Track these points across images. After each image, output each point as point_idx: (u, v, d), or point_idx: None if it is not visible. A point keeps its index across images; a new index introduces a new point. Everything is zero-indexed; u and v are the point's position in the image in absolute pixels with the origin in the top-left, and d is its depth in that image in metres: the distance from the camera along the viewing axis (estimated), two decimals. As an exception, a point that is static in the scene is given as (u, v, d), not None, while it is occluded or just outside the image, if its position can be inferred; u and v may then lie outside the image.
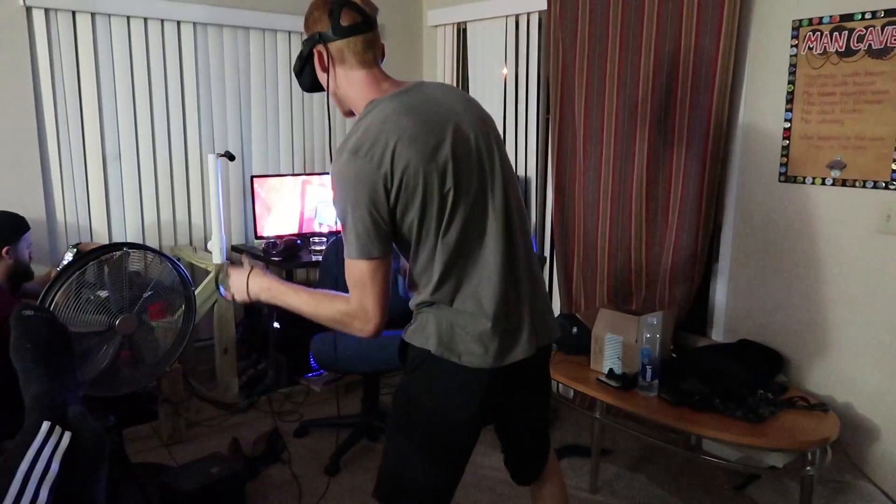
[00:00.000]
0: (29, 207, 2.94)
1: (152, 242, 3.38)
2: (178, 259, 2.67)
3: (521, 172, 3.63)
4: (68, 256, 2.68)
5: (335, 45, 1.46)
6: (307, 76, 1.56)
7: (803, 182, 2.54)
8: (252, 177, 3.54)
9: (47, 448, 1.54)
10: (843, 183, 2.43)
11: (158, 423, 2.93)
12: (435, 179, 1.39)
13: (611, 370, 2.50)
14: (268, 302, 1.58)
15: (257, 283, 1.60)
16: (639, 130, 2.89)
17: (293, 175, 3.67)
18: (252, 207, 3.54)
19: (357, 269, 1.41)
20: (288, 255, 3.36)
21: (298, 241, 3.48)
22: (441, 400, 1.51)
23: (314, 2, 1.50)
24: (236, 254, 2.66)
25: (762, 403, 2.23)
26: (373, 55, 1.50)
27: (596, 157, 3.07)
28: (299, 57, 1.55)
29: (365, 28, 1.47)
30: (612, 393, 2.42)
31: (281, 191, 3.56)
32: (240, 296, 1.61)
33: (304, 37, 1.52)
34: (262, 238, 3.54)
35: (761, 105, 2.64)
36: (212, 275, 1.69)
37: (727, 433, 2.14)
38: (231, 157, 3.22)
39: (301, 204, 3.63)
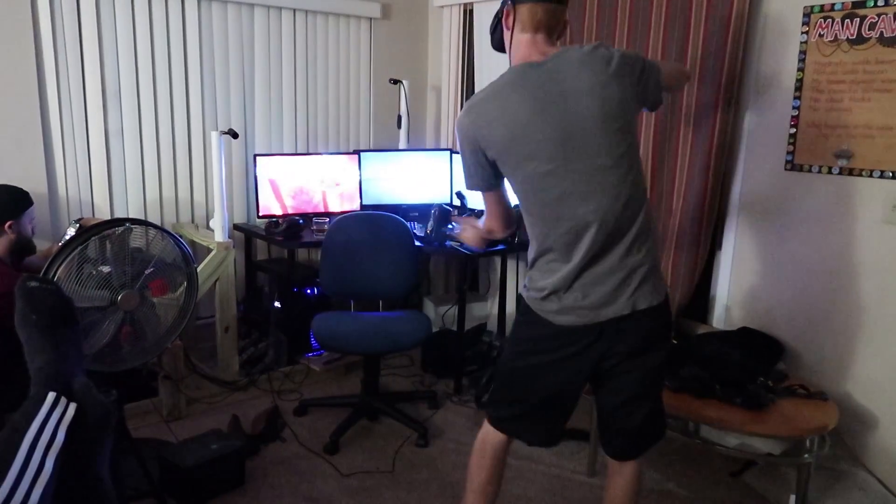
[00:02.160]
0: (31, 182, 2.92)
1: (154, 219, 3.38)
2: (181, 236, 2.66)
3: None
4: (70, 231, 2.68)
5: (521, 8, 1.66)
6: (498, 34, 1.77)
7: (809, 171, 2.53)
8: (255, 155, 3.52)
9: (53, 418, 1.54)
10: (850, 172, 2.42)
11: (159, 400, 2.94)
12: (522, 154, 1.61)
13: (611, 355, 2.50)
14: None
15: (469, 231, 2.01)
16: (644, 118, 2.87)
17: (296, 154, 3.65)
18: (255, 186, 3.52)
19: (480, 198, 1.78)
20: (290, 235, 3.36)
21: (300, 221, 3.47)
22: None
23: None
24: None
25: (762, 391, 2.24)
26: (545, 24, 1.66)
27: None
28: (496, 15, 1.75)
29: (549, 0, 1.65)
30: (612, 378, 2.42)
31: (284, 170, 3.55)
32: (475, 243, 2.02)
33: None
34: (264, 217, 3.53)
35: (770, 92, 2.62)
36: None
37: (727, 420, 2.15)
38: (234, 135, 3.20)
39: (304, 183, 3.61)
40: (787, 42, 2.54)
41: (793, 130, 2.57)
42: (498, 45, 1.79)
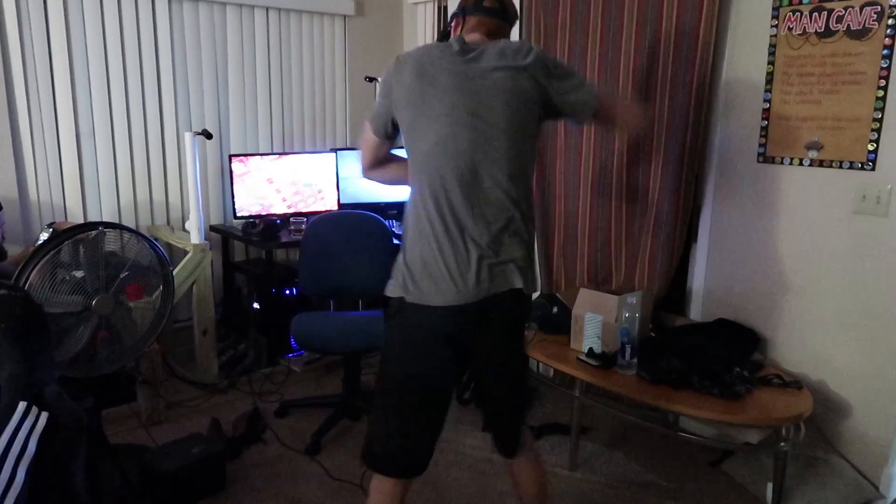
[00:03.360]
0: (1, 186, 2.87)
1: (129, 222, 3.34)
2: (156, 239, 2.63)
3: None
4: (43, 236, 2.63)
5: (471, 19, 1.79)
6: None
7: (781, 162, 2.57)
8: (230, 156, 3.49)
9: (24, 428, 1.52)
10: (821, 164, 2.46)
11: (137, 405, 2.90)
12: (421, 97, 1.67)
13: (590, 349, 2.52)
14: None
15: None
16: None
17: (272, 154, 3.63)
18: (230, 187, 3.49)
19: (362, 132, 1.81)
20: (267, 235, 3.33)
21: (278, 222, 3.45)
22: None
23: None
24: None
25: (738, 381, 2.27)
26: (491, 32, 1.78)
27: (576, 137, 3.07)
28: (443, 30, 1.88)
29: (499, 16, 1.79)
30: (591, 371, 2.44)
31: (260, 170, 3.52)
32: None
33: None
34: (240, 218, 3.50)
35: (741, 85, 2.65)
36: None
37: (704, 410, 2.18)
38: (208, 136, 3.17)
39: (280, 184, 3.59)
40: (757, 36, 2.57)
41: (764, 123, 2.60)
42: None
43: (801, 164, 2.51)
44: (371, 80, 3.87)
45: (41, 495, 1.53)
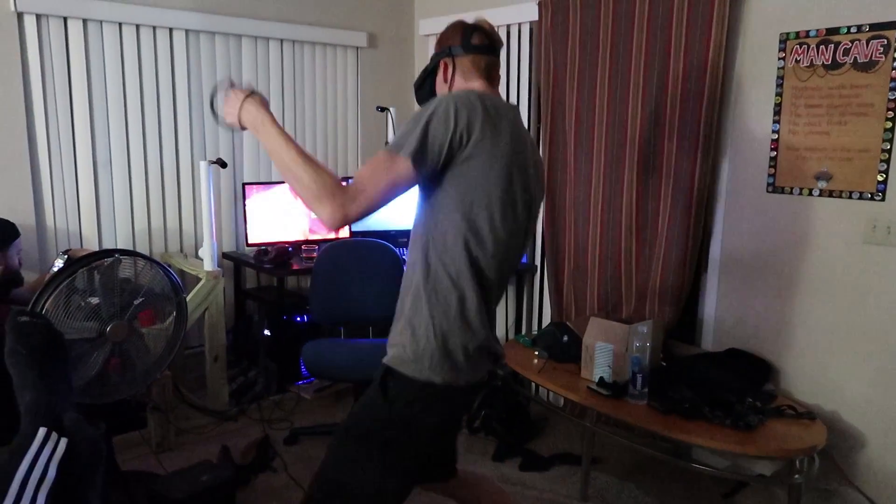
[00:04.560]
0: (18, 213, 2.92)
1: (143, 249, 3.37)
2: (169, 266, 2.66)
3: (512, 181, 3.65)
4: (59, 263, 2.67)
5: (462, 60, 1.61)
6: (427, 87, 1.68)
7: (791, 193, 2.58)
8: (244, 184, 3.53)
9: (44, 454, 1.53)
10: (830, 194, 2.47)
11: (148, 431, 2.91)
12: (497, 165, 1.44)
13: (601, 378, 2.51)
14: (253, 133, 1.47)
15: (252, 112, 1.47)
16: (629, 141, 2.92)
17: (284, 182, 3.67)
18: (243, 214, 3.53)
19: (385, 159, 1.39)
20: (279, 263, 3.36)
21: (290, 249, 3.48)
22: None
23: (451, 24, 1.67)
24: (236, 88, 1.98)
25: (750, 411, 2.25)
26: (492, 75, 1.64)
27: (586, 167, 3.10)
28: (424, 71, 1.68)
29: (490, 51, 1.63)
30: (602, 401, 2.43)
31: (272, 198, 3.56)
32: (230, 119, 1.51)
33: (432, 53, 1.67)
34: (253, 245, 3.54)
35: (749, 117, 2.68)
36: (209, 93, 1.50)
37: (716, 441, 2.16)
38: (223, 164, 3.22)
39: (292, 211, 3.62)
40: (765, 68, 2.61)
41: (773, 153, 2.62)
42: (427, 99, 1.66)
43: (810, 194, 2.52)
44: (382, 109, 3.93)
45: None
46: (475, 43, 1.61)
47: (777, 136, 2.60)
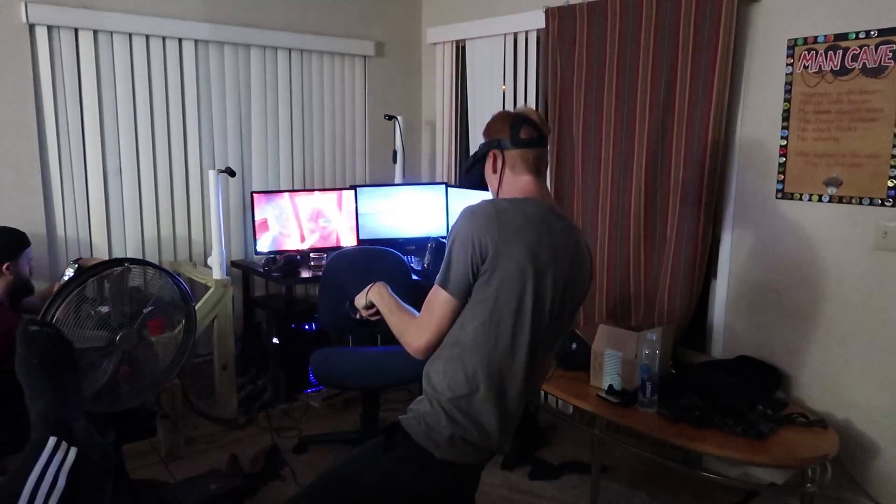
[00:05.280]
0: (30, 223, 2.94)
1: (152, 257, 3.39)
2: (178, 274, 2.67)
3: (519, 188, 3.65)
4: (69, 272, 2.68)
5: (510, 153, 1.66)
6: (475, 174, 1.76)
7: (800, 199, 2.57)
8: (252, 192, 3.55)
9: (54, 463, 1.54)
10: (840, 200, 2.46)
11: (157, 439, 2.91)
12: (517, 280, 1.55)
13: (610, 386, 2.50)
14: (378, 306, 1.76)
15: (375, 291, 1.78)
16: (637, 147, 2.92)
17: (293, 191, 3.69)
18: (252, 223, 3.55)
19: (432, 293, 1.61)
20: (288, 271, 3.37)
21: (298, 257, 3.49)
22: None
23: (499, 114, 1.73)
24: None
25: (762, 419, 2.23)
26: (540, 167, 1.69)
27: (594, 174, 3.10)
28: (473, 156, 1.76)
29: (538, 143, 1.67)
30: (611, 409, 2.42)
31: (281, 207, 3.58)
32: (359, 301, 1.82)
33: (483, 141, 1.73)
34: (261, 254, 3.55)
35: (758, 123, 2.67)
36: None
37: (727, 449, 2.14)
38: (232, 174, 3.23)
39: (301, 220, 3.64)
40: (773, 74, 2.60)
41: (782, 160, 2.61)
42: (475, 184, 1.79)
43: (820, 200, 2.51)
44: (390, 118, 3.94)
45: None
46: (524, 137, 1.66)
47: (786, 142, 2.59)
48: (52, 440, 1.56)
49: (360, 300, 1.82)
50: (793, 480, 2.30)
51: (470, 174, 1.77)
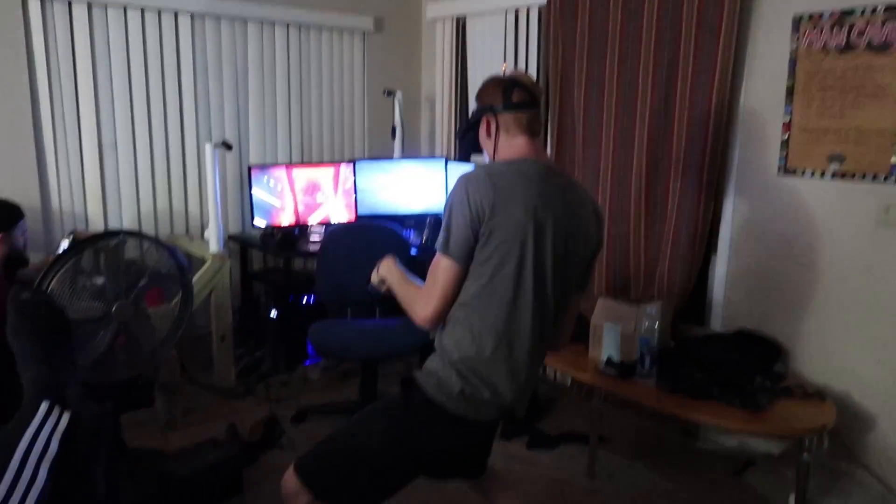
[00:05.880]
0: (24, 195, 2.91)
1: (149, 230, 3.37)
2: (175, 247, 2.66)
3: (519, 164, 3.63)
4: (64, 244, 2.66)
5: (503, 117, 1.67)
6: (470, 140, 1.76)
7: (802, 175, 2.56)
8: (249, 167, 3.52)
9: (46, 427, 1.53)
10: (843, 176, 2.45)
11: (155, 410, 2.91)
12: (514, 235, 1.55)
13: (609, 358, 2.50)
14: (387, 279, 1.79)
15: (385, 265, 1.82)
16: (638, 123, 2.90)
17: (290, 165, 3.66)
18: (249, 197, 3.53)
19: (434, 262, 1.61)
20: (285, 245, 3.36)
21: (296, 231, 3.48)
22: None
23: (491, 78, 1.73)
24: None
25: (760, 391, 2.24)
26: (534, 128, 1.69)
27: (595, 149, 3.08)
28: (467, 122, 1.75)
29: (531, 106, 1.68)
30: (610, 381, 2.42)
31: (278, 181, 3.55)
32: (373, 278, 1.86)
33: (476, 106, 1.73)
34: (259, 228, 3.53)
35: (761, 99, 2.65)
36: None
37: (725, 420, 2.15)
38: (229, 147, 3.21)
39: (298, 194, 3.61)
40: (778, 50, 2.58)
41: (785, 136, 2.59)
42: (470, 149, 1.79)
43: (822, 176, 2.50)
44: (389, 93, 3.91)
45: (62, 494, 1.54)
46: (516, 101, 1.66)
47: (789, 117, 2.57)
48: (44, 404, 1.56)
49: (374, 277, 1.85)
50: (789, 451, 2.32)
51: (465, 140, 1.78)
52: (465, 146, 1.79)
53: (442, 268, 1.59)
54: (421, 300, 1.63)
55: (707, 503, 2.43)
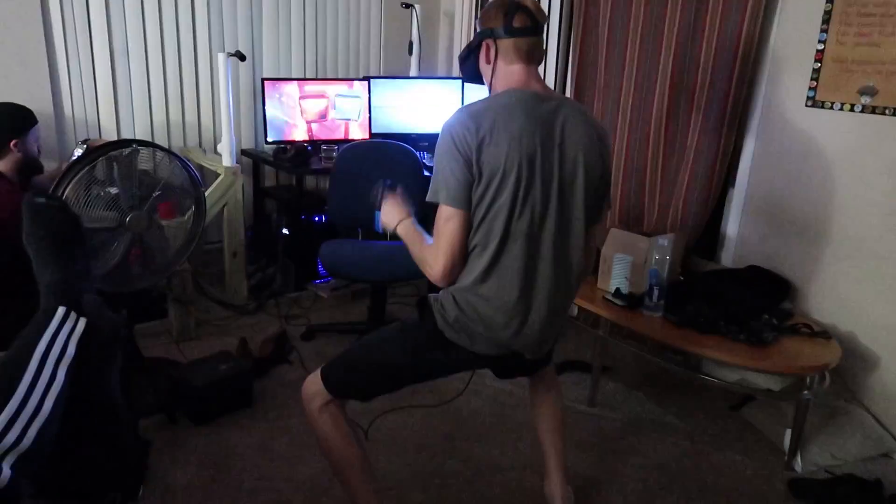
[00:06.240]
0: (36, 101, 2.88)
1: (161, 142, 3.34)
2: (188, 160, 2.64)
3: (538, 87, 3.53)
4: (77, 152, 2.65)
5: (503, 43, 1.60)
6: (470, 65, 1.70)
7: (831, 107, 2.47)
8: (263, 79, 3.45)
9: (63, 331, 1.56)
10: (873, 110, 2.35)
11: (168, 321, 2.98)
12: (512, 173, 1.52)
13: (617, 289, 2.51)
14: (404, 240, 1.71)
15: (403, 228, 1.71)
16: (664, 46, 2.78)
17: (305, 80, 3.58)
18: (262, 111, 3.47)
19: (437, 214, 1.56)
20: (298, 162, 3.33)
21: (308, 148, 3.44)
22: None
23: (493, 1, 1.63)
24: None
25: (766, 328, 2.25)
26: (533, 56, 1.62)
27: (617, 75, 2.98)
28: (468, 46, 1.69)
29: (533, 32, 1.60)
30: (617, 311, 2.44)
31: (292, 95, 3.48)
32: (386, 224, 1.78)
33: (477, 29, 1.66)
34: (272, 143, 3.49)
35: (795, 25, 2.53)
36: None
37: (728, 355, 2.17)
38: (242, 57, 3.13)
39: (312, 110, 3.55)
40: (818, -30, 2.43)
41: (817, 65, 2.49)
42: (471, 76, 1.72)
43: (852, 109, 2.41)
44: (407, 6, 3.76)
45: (79, 397, 1.59)
46: (517, 26, 1.58)
47: (823, 45, 2.46)
48: (61, 310, 1.58)
49: (386, 222, 1.78)
50: (790, 388, 2.34)
51: (466, 64, 1.71)
52: (467, 70, 1.73)
53: (445, 218, 1.55)
54: (429, 258, 1.59)
55: (703, 435, 2.48)
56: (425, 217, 1.70)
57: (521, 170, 1.51)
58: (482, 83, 1.71)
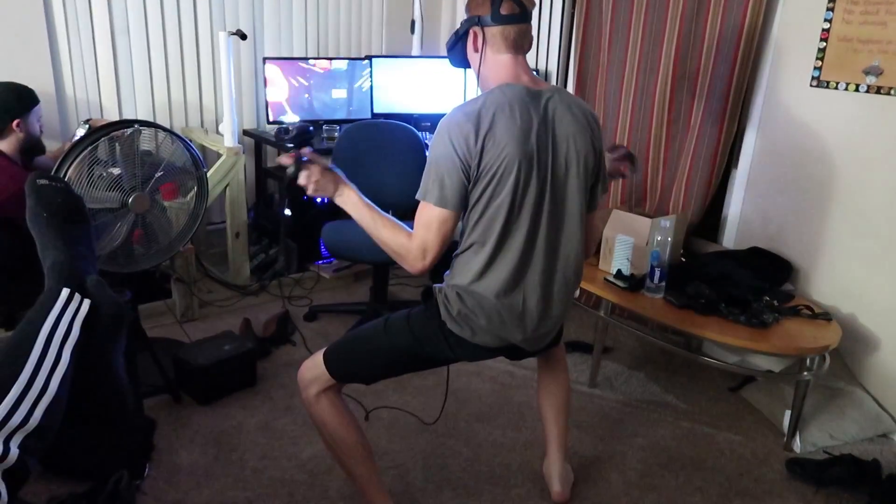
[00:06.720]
0: (38, 81, 2.87)
1: (163, 122, 3.33)
2: (190, 140, 2.64)
3: (541, 66, 3.51)
4: (80, 132, 2.65)
5: (491, 30, 1.58)
6: (458, 52, 1.68)
7: (836, 88, 2.45)
8: (264, 58, 3.43)
9: (68, 313, 1.57)
10: (878, 90, 2.34)
11: (172, 301, 3.00)
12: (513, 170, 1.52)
13: (619, 271, 2.51)
14: (353, 216, 1.69)
15: (348, 200, 1.70)
16: (668, 26, 2.76)
17: (307, 59, 3.56)
18: (264, 90, 3.45)
19: (427, 214, 1.55)
20: (300, 142, 3.30)
21: (311, 128, 3.42)
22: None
23: None
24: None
25: (767, 310, 2.25)
26: (521, 44, 1.61)
27: (621, 52, 2.95)
28: (455, 34, 1.67)
29: (521, 19, 1.58)
30: (618, 293, 2.45)
31: (294, 75, 3.46)
32: (321, 190, 1.70)
33: (465, 16, 1.64)
34: (274, 123, 3.48)
35: (801, 3, 2.50)
36: (290, 163, 1.63)
37: (729, 337, 2.18)
38: (243, 36, 3.10)
39: (315, 89, 3.53)
40: (825, -52, 2.40)
41: (822, 45, 2.46)
42: (459, 64, 1.71)
43: (857, 90, 2.39)
44: (409, -16, 3.73)
45: (84, 377, 1.61)
46: (505, 13, 1.57)
47: (829, 24, 2.43)
48: (65, 290, 1.59)
49: (320, 193, 1.72)
50: (789, 369, 2.36)
51: (453, 52, 1.69)
52: (455, 58, 1.71)
53: (440, 220, 1.54)
54: (416, 252, 1.56)
55: (703, 415, 2.50)
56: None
57: (520, 169, 1.52)
58: (468, 67, 1.70)
